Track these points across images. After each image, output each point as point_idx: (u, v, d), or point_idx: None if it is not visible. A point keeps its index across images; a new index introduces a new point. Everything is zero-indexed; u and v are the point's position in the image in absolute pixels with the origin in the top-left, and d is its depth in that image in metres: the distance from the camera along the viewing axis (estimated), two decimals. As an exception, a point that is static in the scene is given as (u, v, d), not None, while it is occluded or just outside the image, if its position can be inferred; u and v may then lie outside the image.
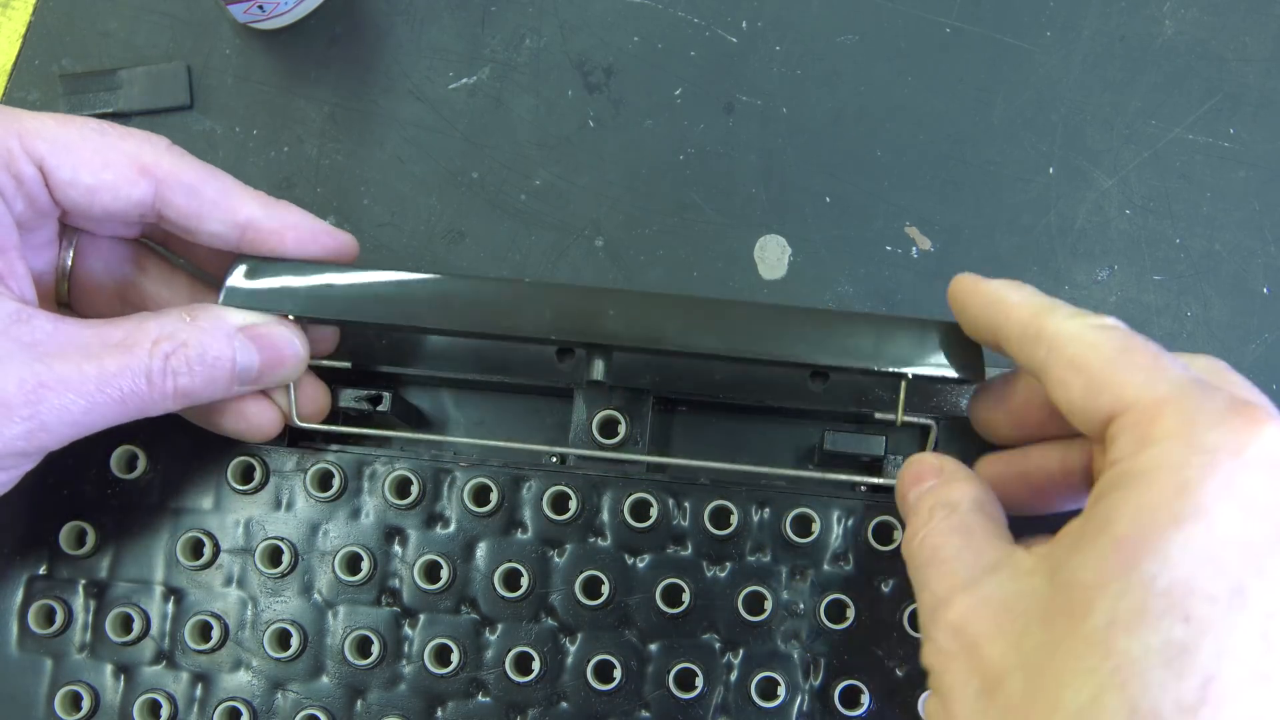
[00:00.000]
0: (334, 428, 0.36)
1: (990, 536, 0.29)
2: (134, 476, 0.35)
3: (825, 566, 0.35)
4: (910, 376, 0.33)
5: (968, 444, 0.36)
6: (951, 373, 0.32)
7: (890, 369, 0.32)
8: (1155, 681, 0.23)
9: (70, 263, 0.34)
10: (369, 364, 0.37)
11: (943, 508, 0.30)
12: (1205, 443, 0.24)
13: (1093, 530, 0.25)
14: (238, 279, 0.33)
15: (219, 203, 0.31)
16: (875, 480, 0.35)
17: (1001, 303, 0.30)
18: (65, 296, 0.34)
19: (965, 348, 0.32)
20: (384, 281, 0.33)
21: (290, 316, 0.33)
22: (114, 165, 0.30)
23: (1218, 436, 0.24)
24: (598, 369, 0.34)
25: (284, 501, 0.35)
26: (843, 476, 0.35)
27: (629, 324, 0.32)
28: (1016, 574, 0.27)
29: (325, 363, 0.36)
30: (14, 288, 0.29)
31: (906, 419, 0.35)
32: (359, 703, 0.35)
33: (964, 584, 0.28)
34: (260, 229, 0.32)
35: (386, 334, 0.37)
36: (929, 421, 0.35)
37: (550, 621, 0.35)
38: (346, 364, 0.36)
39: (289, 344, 0.33)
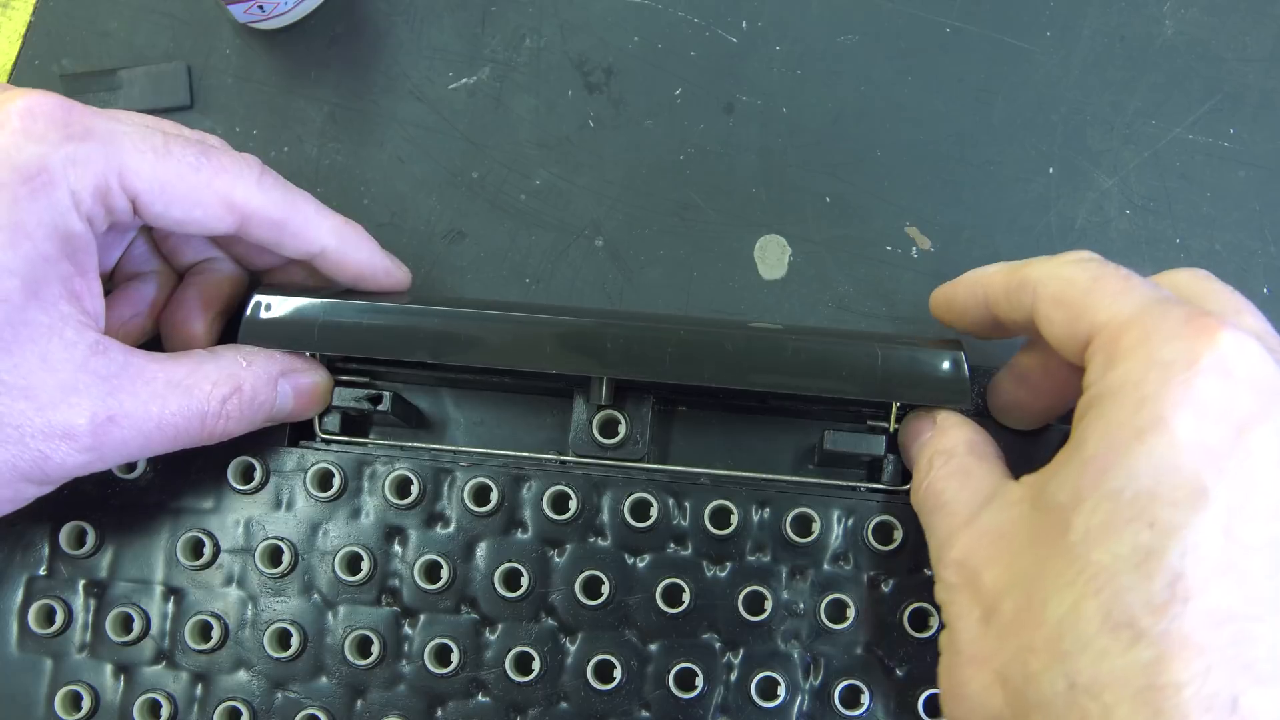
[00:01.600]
0: (335, 437, 0.36)
1: (985, 474, 0.31)
2: (134, 476, 0.35)
3: (825, 566, 0.35)
4: (899, 405, 0.34)
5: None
6: (938, 401, 0.33)
7: (880, 399, 0.33)
8: (1126, 585, 0.24)
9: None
10: (370, 361, 0.37)
11: (940, 455, 0.32)
12: (1161, 357, 0.25)
13: (1068, 454, 0.26)
14: (255, 315, 0.34)
15: (298, 235, 0.33)
16: (875, 485, 0.35)
17: (981, 276, 0.33)
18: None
19: (955, 371, 0.33)
20: (388, 317, 0.34)
21: (308, 353, 0.34)
22: (205, 204, 0.31)
23: (1172, 350, 0.25)
24: (599, 394, 0.35)
25: (284, 501, 0.35)
26: (842, 483, 0.35)
27: (626, 356, 0.33)
28: (1007, 504, 0.29)
29: (344, 379, 0.36)
30: (89, 308, 0.30)
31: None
32: (359, 703, 0.35)
33: (964, 521, 0.29)
34: (329, 260, 0.34)
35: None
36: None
37: (550, 621, 0.35)
38: (364, 379, 0.36)
39: (321, 395, 0.35)
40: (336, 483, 0.35)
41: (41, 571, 0.35)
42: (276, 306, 0.34)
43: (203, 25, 0.43)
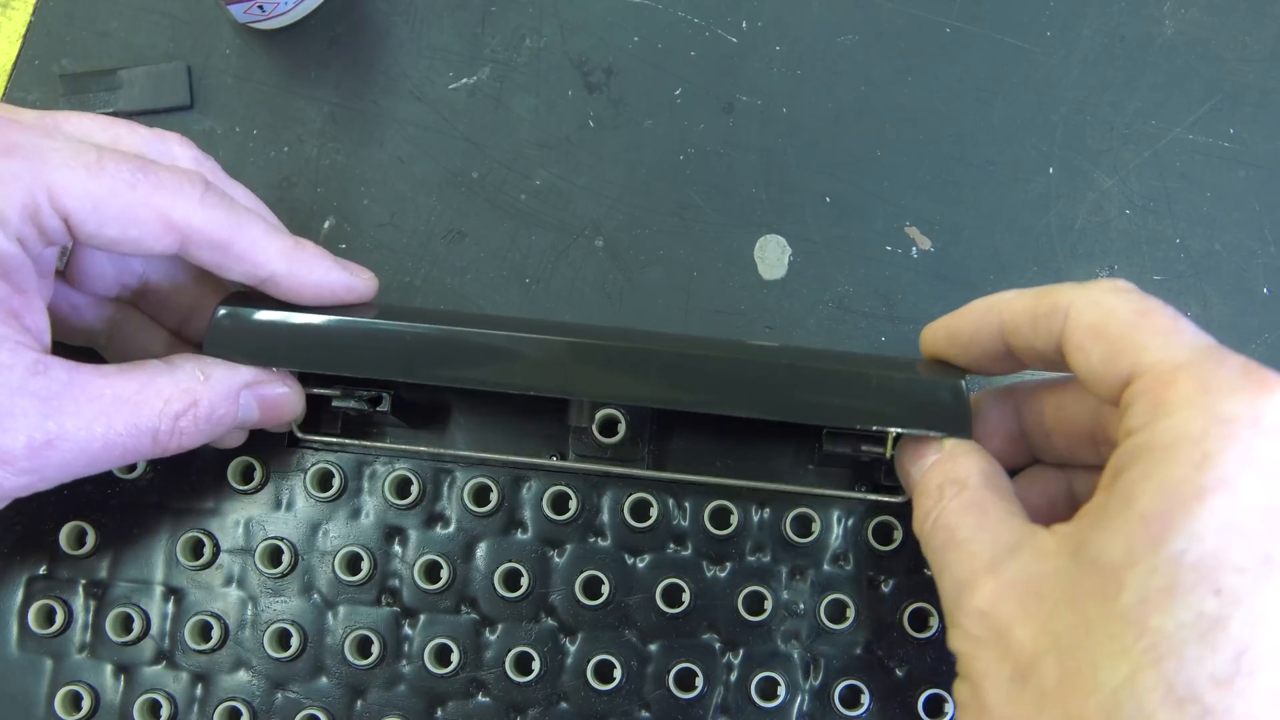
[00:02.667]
0: (335, 437, 0.36)
1: (1005, 514, 0.28)
2: (134, 476, 0.35)
3: (825, 566, 0.35)
4: (897, 433, 0.32)
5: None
6: (939, 432, 0.31)
7: (878, 429, 0.32)
8: (1190, 656, 0.23)
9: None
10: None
11: (951, 485, 0.30)
12: (1223, 412, 0.24)
13: (1116, 507, 0.25)
14: (219, 327, 0.32)
15: (244, 257, 0.31)
16: (875, 497, 0.35)
17: (997, 302, 0.30)
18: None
19: (955, 402, 0.31)
20: (360, 333, 0.32)
21: (274, 369, 0.33)
22: (141, 222, 0.29)
23: (1235, 405, 0.24)
24: (579, 415, 0.34)
25: (284, 501, 0.35)
26: (842, 493, 0.35)
27: (603, 382, 0.32)
28: (1040, 555, 0.26)
29: (318, 391, 0.35)
30: (30, 324, 0.29)
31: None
32: (359, 703, 0.35)
33: (986, 566, 0.27)
34: (280, 285, 0.32)
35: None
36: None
37: (550, 621, 0.35)
38: (336, 391, 0.35)
39: (290, 405, 0.33)
40: (336, 483, 0.35)
41: (41, 571, 0.35)
42: (241, 319, 0.32)
43: (203, 25, 0.43)
